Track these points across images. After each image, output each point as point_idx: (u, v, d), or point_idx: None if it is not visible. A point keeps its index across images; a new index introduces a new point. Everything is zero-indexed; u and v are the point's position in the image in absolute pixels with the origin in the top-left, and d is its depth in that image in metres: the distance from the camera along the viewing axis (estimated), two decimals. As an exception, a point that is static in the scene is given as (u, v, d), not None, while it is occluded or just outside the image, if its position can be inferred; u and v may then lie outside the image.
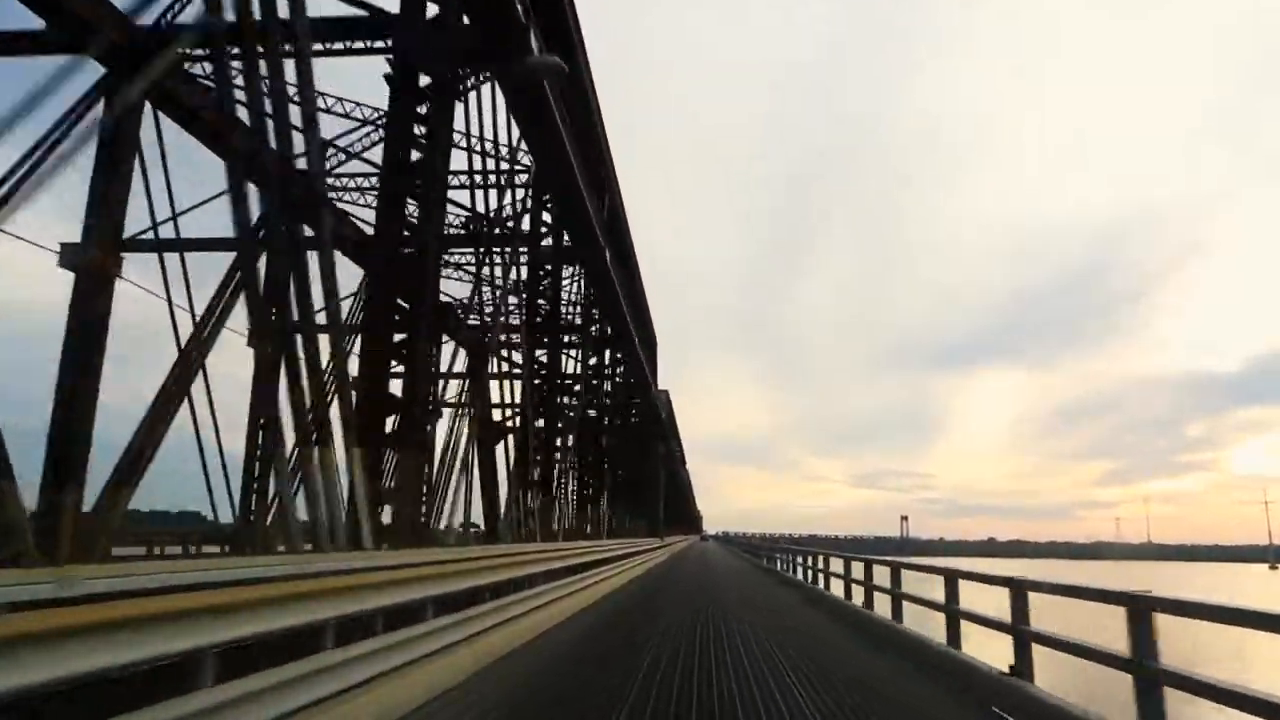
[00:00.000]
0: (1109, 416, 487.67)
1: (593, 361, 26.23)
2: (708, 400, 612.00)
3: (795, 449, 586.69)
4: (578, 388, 23.38)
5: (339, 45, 13.35)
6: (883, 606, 10.84)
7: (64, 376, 13.92)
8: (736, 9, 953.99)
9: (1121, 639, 4.84)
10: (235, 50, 10.10)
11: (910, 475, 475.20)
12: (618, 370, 32.57)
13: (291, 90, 11.38)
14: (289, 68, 11.38)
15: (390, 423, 8.43)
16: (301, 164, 11.61)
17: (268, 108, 8.08)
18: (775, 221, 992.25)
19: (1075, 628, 6.24)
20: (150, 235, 15.89)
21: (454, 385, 15.62)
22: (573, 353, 23.65)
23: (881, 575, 11.25)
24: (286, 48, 9.46)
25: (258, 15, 7.87)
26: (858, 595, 12.44)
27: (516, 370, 17.47)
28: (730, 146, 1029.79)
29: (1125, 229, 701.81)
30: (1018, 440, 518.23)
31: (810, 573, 18.52)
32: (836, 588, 14.72)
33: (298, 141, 8.46)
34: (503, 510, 14.94)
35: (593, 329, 25.01)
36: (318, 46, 13.48)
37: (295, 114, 8.79)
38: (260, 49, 8.13)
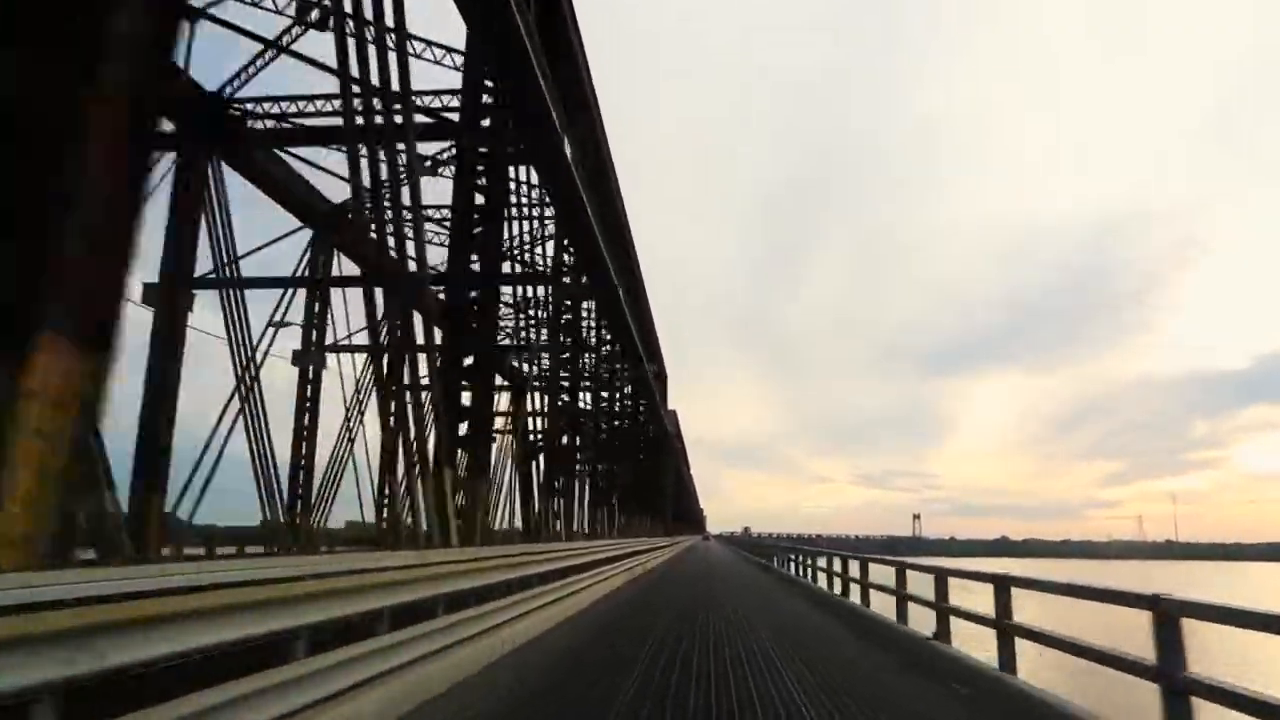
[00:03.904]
0: (1113, 416, 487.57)
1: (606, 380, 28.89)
2: (711, 402, 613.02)
3: (799, 449, 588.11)
4: (590, 405, 25.82)
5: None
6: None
7: (148, 399, 15.97)
8: (741, 18, 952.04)
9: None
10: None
11: (915, 475, 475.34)
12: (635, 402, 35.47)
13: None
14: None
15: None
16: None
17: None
18: (777, 224, 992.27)
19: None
20: (215, 275, 17.99)
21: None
22: (587, 380, 26.30)
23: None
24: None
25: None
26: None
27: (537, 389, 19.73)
28: (733, 151, 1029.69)
29: (1126, 228, 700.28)
30: (1021, 440, 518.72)
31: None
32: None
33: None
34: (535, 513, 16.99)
35: (604, 347, 27.37)
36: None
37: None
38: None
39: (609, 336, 26.63)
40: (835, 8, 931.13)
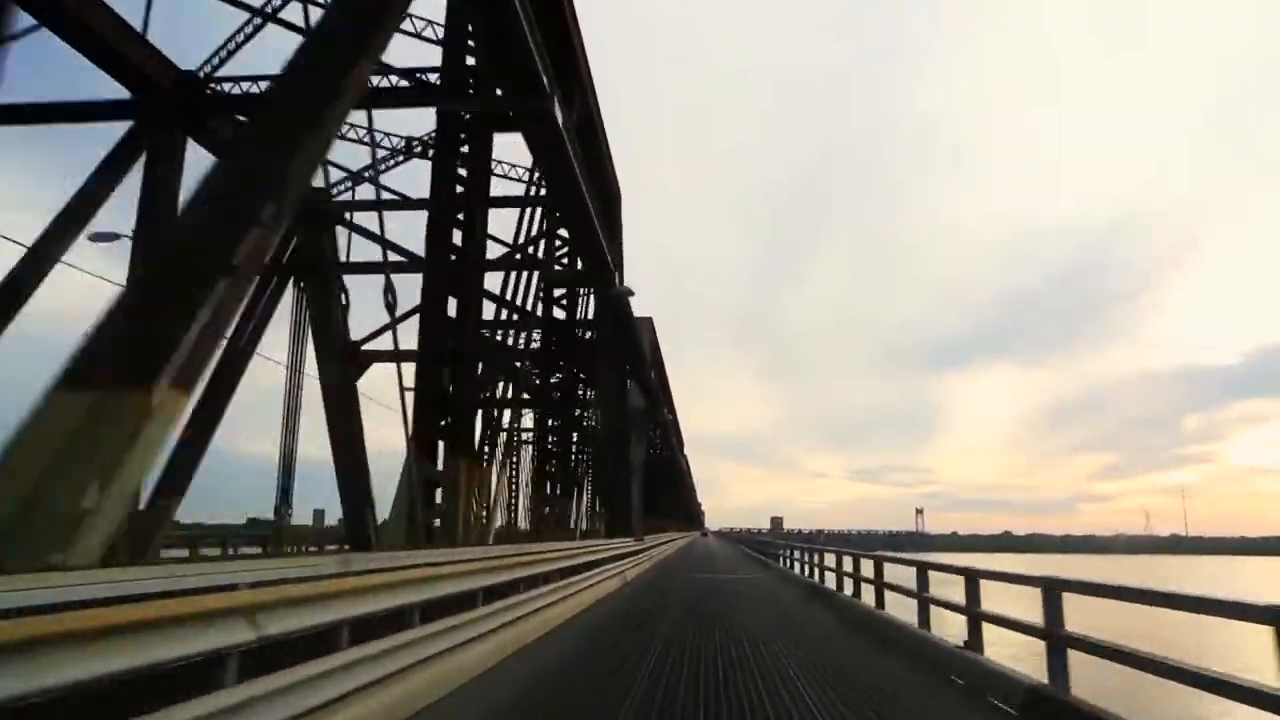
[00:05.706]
0: (1108, 412, 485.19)
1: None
2: (709, 400, 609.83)
3: (795, 445, 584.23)
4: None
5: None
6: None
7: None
8: (744, 14, 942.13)
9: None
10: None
11: (910, 470, 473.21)
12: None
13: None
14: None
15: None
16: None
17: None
18: (776, 221, 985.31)
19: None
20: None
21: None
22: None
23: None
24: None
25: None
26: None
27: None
28: (735, 150, 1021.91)
29: (1128, 228, 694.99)
30: (1015, 436, 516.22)
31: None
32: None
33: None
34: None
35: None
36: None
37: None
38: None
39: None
40: (837, 4, 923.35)
